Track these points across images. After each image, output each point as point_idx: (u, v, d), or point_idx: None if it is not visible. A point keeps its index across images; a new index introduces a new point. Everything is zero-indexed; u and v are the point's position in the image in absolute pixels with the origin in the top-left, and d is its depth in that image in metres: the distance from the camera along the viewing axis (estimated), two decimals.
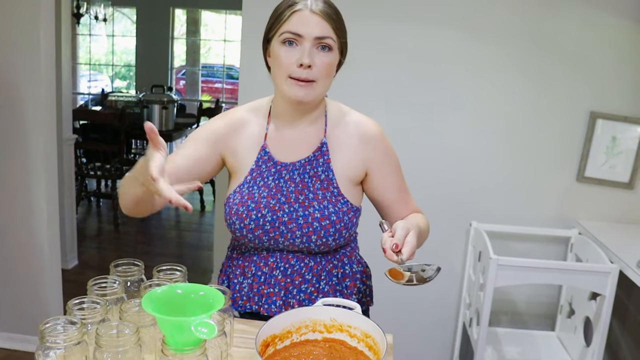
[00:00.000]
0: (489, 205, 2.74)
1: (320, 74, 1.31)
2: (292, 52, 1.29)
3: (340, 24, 1.33)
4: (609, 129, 2.60)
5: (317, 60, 1.29)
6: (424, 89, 2.68)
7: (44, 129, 2.78)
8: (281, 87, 1.33)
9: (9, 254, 2.92)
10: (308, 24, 1.28)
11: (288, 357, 1.10)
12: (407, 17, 2.62)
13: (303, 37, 1.28)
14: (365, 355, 1.12)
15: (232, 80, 8.69)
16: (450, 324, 2.88)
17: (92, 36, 8.61)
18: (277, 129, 1.43)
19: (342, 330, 1.16)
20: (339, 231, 1.37)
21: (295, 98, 1.32)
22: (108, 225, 5.30)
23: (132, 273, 1.26)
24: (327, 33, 1.29)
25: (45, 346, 0.98)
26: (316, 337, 1.16)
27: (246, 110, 1.48)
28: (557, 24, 2.57)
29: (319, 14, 1.28)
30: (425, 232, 1.46)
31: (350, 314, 1.16)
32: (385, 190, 1.48)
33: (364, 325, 1.13)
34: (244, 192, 1.40)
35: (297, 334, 1.15)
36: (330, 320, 1.16)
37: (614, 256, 2.29)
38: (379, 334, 1.08)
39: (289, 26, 1.28)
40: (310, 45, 1.28)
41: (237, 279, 1.45)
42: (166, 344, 0.97)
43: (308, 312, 1.17)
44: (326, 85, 1.35)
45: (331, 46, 1.31)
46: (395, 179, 1.49)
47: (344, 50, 1.38)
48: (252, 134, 1.44)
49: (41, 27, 2.67)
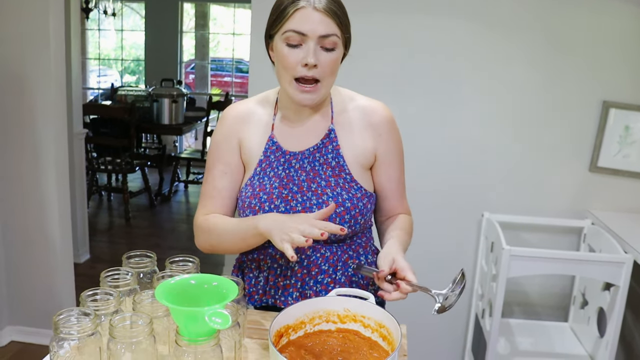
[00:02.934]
0: (501, 196, 2.72)
1: (325, 73, 1.30)
2: (297, 52, 1.27)
3: (344, 19, 1.31)
4: (622, 119, 2.57)
5: (322, 59, 1.28)
6: (435, 81, 2.66)
7: (54, 124, 2.79)
8: (286, 89, 1.33)
9: (21, 248, 2.94)
10: (312, 22, 1.25)
11: (301, 348, 1.10)
12: (416, 9, 2.60)
13: (307, 35, 1.25)
14: (379, 345, 1.11)
15: (241, 74, 8.68)
16: (463, 315, 2.87)
17: (101, 31, 8.62)
18: (284, 118, 1.43)
19: (356, 320, 1.15)
20: (354, 217, 1.36)
21: (301, 103, 1.33)
22: (119, 219, 5.32)
23: (145, 265, 1.26)
24: (332, 30, 1.27)
25: (59, 337, 0.98)
26: (330, 328, 1.16)
27: (253, 102, 1.48)
28: (566, 14, 2.54)
29: (322, 11, 1.25)
30: (408, 237, 1.48)
31: (364, 304, 1.16)
32: (388, 180, 1.47)
33: (377, 316, 1.13)
34: (255, 184, 1.39)
35: (311, 325, 1.15)
36: (344, 310, 1.16)
37: (627, 246, 2.27)
38: (393, 324, 1.07)
39: (293, 24, 1.26)
40: (314, 44, 1.26)
41: (253, 273, 1.44)
42: (180, 335, 0.97)
43: (322, 302, 1.17)
44: (331, 83, 1.35)
45: (336, 43, 1.29)
46: (397, 169, 1.48)
47: (348, 44, 1.36)
48: (259, 124, 1.44)
49: (51, 22, 2.68)
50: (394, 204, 1.50)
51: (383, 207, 1.50)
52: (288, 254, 1.15)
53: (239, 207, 1.41)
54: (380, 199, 1.49)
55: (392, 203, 1.50)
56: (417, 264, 2.85)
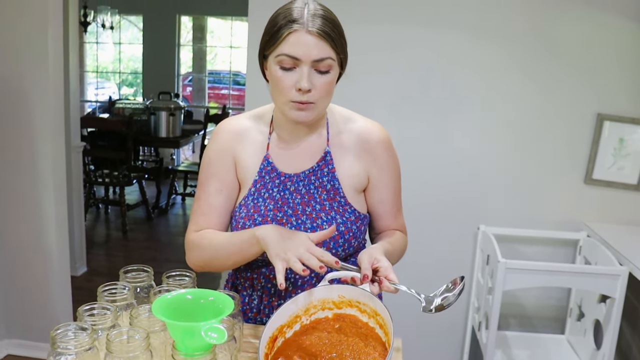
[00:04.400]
0: (497, 209, 2.74)
1: (320, 95, 1.26)
2: (291, 76, 1.24)
3: (339, 41, 1.26)
4: (617, 131, 2.59)
5: (316, 82, 1.24)
6: (431, 93, 2.68)
7: (52, 137, 2.80)
8: (281, 108, 1.30)
9: (18, 261, 2.94)
10: (305, 46, 1.21)
11: (296, 351, 1.10)
12: (414, 21, 2.63)
13: (300, 60, 1.22)
14: (375, 335, 1.11)
15: (238, 87, 8.72)
16: (459, 328, 2.87)
17: (99, 44, 8.66)
18: (280, 138, 1.41)
19: (352, 305, 1.14)
20: (348, 241, 1.36)
21: (296, 120, 1.29)
22: (116, 232, 5.32)
23: (142, 279, 1.26)
24: (326, 54, 1.23)
25: (56, 352, 0.99)
26: (326, 315, 1.14)
27: (246, 118, 1.45)
28: (563, 27, 2.57)
29: (316, 35, 1.21)
30: (398, 251, 1.44)
31: (358, 291, 1.14)
32: (381, 202, 1.45)
33: (372, 303, 1.12)
34: (249, 205, 1.37)
35: (307, 316, 1.14)
36: (339, 297, 1.14)
37: (623, 258, 2.28)
38: (386, 315, 1.07)
39: (286, 48, 1.22)
40: (308, 68, 1.23)
41: (246, 291, 1.44)
42: (176, 349, 0.98)
43: (314, 293, 1.15)
44: (326, 103, 1.32)
45: (330, 66, 1.25)
46: (392, 191, 1.46)
47: (344, 64, 1.33)
48: (254, 142, 1.41)
49: (49, 35, 2.69)
50: (387, 223, 1.48)
51: (376, 225, 1.50)
52: (278, 277, 1.11)
53: (233, 227, 1.40)
54: (374, 219, 1.48)
55: (385, 222, 1.48)
56: (413, 276, 2.86)
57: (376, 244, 1.35)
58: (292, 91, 1.25)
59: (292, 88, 1.25)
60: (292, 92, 1.25)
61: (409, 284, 1.18)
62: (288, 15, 1.23)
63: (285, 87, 1.25)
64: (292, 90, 1.25)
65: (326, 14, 1.26)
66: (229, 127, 1.44)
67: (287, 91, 1.25)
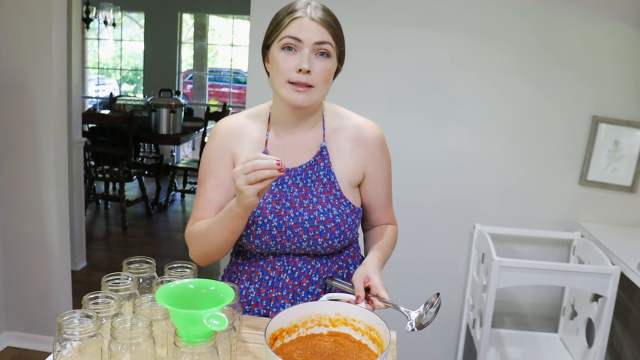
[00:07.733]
0: (493, 208, 2.77)
1: (319, 80, 1.33)
2: (291, 58, 1.32)
3: (338, 32, 1.36)
4: (612, 133, 2.63)
5: (315, 66, 1.32)
6: (428, 93, 2.72)
7: (54, 132, 2.83)
8: (280, 91, 1.35)
9: (19, 255, 2.97)
10: (308, 30, 1.30)
11: (294, 351, 1.14)
12: (411, 22, 2.66)
13: (302, 42, 1.30)
14: (368, 348, 1.15)
15: (239, 85, 8.75)
16: (454, 325, 2.91)
17: (100, 40, 8.68)
18: (277, 135, 1.46)
19: (347, 324, 1.19)
20: (343, 233, 1.41)
21: (294, 103, 1.34)
22: (116, 227, 5.35)
23: (144, 270, 1.30)
24: (326, 39, 1.32)
25: (62, 337, 1.02)
26: (321, 331, 1.20)
27: (243, 117, 1.50)
28: (560, 30, 2.60)
29: (318, 22, 1.31)
30: (390, 248, 1.54)
31: (354, 308, 1.20)
32: (375, 196, 1.52)
33: (367, 319, 1.17)
34: None
35: (304, 328, 1.19)
36: (335, 314, 1.20)
37: (615, 258, 2.32)
38: (382, 327, 1.12)
39: (289, 31, 1.31)
40: (309, 51, 1.31)
41: (244, 284, 1.47)
42: (178, 336, 1.01)
43: (314, 307, 1.20)
44: (324, 91, 1.38)
45: (330, 52, 1.33)
46: (385, 185, 1.54)
47: (342, 59, 1.41)
48: (251, 139, 1.46)
49: (53, 31, 2.72)
50: (379, 215, 1.57)
51: (369, 218, 1.57)
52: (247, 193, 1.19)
53: None
54: (367, 212, 1.56)
55: (378, 215, 1.57)
56: (409, 275, 2.89)
57: (369, 257, 1.43)
58: (292, 72, 1.32)
59: (292, 70, 1.32)
60: (292, 73, 1.32)
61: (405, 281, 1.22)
62: (291, 9, 1.34)
63: (286, 69, 1.32)
64: (293, 72, 1.32)
65: (327, 9, 1.36)
66: (227, 125, 1.48)
67: (287, 72, 1.32)
